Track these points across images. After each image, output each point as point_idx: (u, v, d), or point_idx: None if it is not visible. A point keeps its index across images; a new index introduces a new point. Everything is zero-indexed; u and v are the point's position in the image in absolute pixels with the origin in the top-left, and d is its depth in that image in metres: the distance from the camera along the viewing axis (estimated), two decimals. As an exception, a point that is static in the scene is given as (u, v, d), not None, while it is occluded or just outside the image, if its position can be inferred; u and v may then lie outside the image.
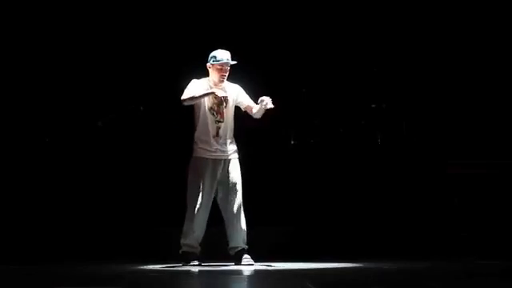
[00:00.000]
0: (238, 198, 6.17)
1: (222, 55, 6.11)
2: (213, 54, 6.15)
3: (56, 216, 7.82)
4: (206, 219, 6.17)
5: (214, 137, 6.13)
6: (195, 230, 6.13)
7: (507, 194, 7.69)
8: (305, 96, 8.39)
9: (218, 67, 6.10)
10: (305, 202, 8.03)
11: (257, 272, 5.42)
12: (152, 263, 6.31)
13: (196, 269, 5.81)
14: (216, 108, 6.14)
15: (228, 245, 6.21)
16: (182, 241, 6.17)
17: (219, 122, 6.14)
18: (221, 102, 6.14)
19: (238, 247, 6.16)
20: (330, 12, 8.21)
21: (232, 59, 6.14)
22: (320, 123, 8.39)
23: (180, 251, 6.19)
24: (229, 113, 6.18)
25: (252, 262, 6.07)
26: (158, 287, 4.46)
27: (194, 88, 6.10)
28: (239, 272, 5.50)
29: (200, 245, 6.20)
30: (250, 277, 5.09)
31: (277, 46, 8.13)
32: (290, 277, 5.03)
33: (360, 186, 8.08)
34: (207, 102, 6.14)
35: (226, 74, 6.13)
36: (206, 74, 6.22)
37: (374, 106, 8.35)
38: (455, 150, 7.95)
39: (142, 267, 5.95)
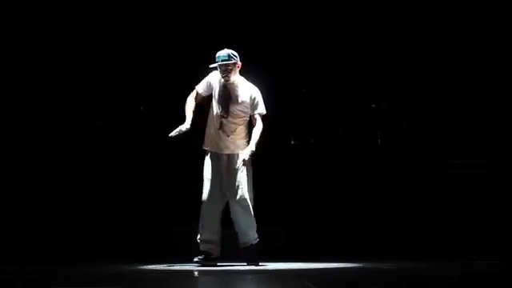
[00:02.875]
0: (244, 196, 6.06)
1: (218, 55, 6.07)
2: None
3: (56, 216, 7.83)
4: (219, 214, 6.11)
5: (217, 129, 6.10)
6: (205, 224, 6.08)
7: (507, 194, 7.69)
8: (305, 96, 8.39)
9: (218, 68, 6.10)
10: (305, 201, 8.03)
11: (257, 272, 5.42)
12: (152, 263, 6.31)
13: (195, 269, 5.81)
14: (222, 101, 6.11)
15: (238, 240, 6.18)
16: (198, 236, 6.14)
17: (222, 116, 6.09)
18: (229, 97, 6.10)
19: (246, 243, 6.14)
20: (330, 12, 8.21)
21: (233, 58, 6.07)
22: (320, 123, 8.39)
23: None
24: (235, 110, 6.10)
25: (258, 261, 6.05)
26: (158, 287, 4.46)
27: (200, 90, 6.17)
28: (239, 272, 5.50)
29: (219, 243, 6.12)
30: (249, 277, 5.08)
31: (277, 47, 8.12)
32: (290, 277, 5.03)
33: (360, 186, 8.08)
34: (216, 94, 6.12)
35: (227, 74, 6.06)
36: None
37: (373, 106, 8.35)
38: (455, 150, 7.95)
39: (141, 267, 5.95)
